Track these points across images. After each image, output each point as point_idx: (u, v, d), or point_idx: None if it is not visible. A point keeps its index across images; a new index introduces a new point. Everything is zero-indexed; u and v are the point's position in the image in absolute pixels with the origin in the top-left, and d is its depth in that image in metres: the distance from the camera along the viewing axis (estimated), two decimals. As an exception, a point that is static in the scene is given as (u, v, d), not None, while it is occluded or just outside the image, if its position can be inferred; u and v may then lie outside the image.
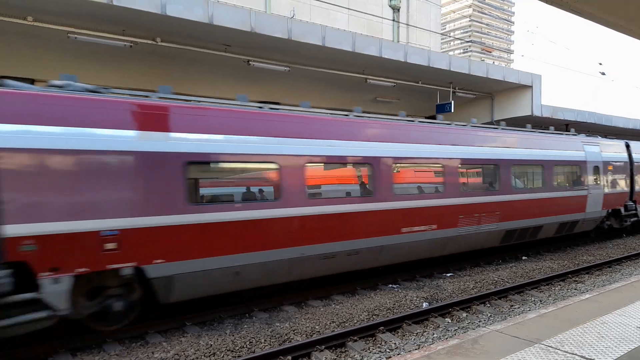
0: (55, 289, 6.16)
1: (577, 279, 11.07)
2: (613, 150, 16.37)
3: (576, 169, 14.53)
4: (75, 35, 11.41)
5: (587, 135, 16.14)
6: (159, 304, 7.48)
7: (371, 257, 9.63)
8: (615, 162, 16.21)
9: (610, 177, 15.78)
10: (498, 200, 11.77)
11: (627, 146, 17.27)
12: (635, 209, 17.02)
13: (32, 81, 12.86)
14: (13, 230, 5.90)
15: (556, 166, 13.66)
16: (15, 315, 5.92)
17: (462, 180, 11.26)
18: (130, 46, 12.28)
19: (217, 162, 7.70)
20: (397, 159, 9.88)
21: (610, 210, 16.06)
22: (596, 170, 15.19)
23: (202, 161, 7.48)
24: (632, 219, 17.13)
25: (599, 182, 15.28)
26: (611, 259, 12.90)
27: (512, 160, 12.30)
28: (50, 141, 6.19)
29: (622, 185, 16.48)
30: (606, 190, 15.60)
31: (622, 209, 16.51)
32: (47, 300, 6.13)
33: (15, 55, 12.31)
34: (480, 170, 12.01)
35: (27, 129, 6.04)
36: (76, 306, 6.56)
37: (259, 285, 8.37)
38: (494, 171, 11.91)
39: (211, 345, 6.83)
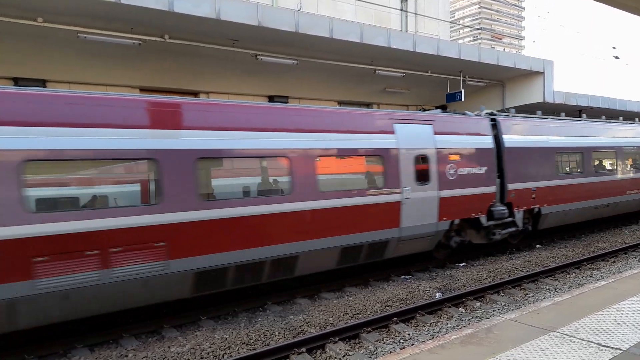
0: (519, 217, 12.18)
1: (592, 266, 10.96)
2: None
3: None
4: (85, 35, 11.50)
5: None
6: (535, 231, 13.19)
7: (615, 209, 15.90)
8: None
9: None
10: None
11: None
12: None
13: (43, 82, 13.01)
14: (510, 186, 11.88)
15: None
16: (506, 228, 11.82)
17: None
18: (139, 44, 12.34)
19: (566, 152, 13.80)
20: (626, 149, 16.31)
21: None
22: None
23: (561, 151, 13.59)
24: None
25: None
26: (627, 245, 12.74)
27: None
28: (528, 143, 12.60)
29: None
30: None
31: None
32: (517, 222, 12.10)
33: (26, 56, 12.46)
34: None
35: (515, 137, 12.27)
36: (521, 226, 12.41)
37: (574, 222, 14.66)
38: None
39: (226, 338, 6.91)
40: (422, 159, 10.10)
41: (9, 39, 11.69)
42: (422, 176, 10.04)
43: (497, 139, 11.93)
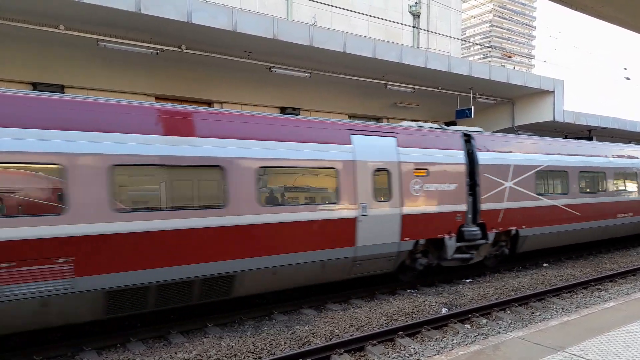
0: None
1: (600, 287, 10.88)
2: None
3: None
4: (105, 43, 11.76)
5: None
6: None
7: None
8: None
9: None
10: None
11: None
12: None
13: (61, 88, 13.28)
14: None
15: None
16: None
17: None
18: (157, 53, 12.58)
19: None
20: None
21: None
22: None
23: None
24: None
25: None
26: (635, 267, 12.62)
27: None
28: None
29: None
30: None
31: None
32: None
33: (46, 62, 12.74)
34: None
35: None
36: None
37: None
38: None
39: (232, 346, 6.95)
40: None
41: (31, 45, 11.98)
42: None
43: None
